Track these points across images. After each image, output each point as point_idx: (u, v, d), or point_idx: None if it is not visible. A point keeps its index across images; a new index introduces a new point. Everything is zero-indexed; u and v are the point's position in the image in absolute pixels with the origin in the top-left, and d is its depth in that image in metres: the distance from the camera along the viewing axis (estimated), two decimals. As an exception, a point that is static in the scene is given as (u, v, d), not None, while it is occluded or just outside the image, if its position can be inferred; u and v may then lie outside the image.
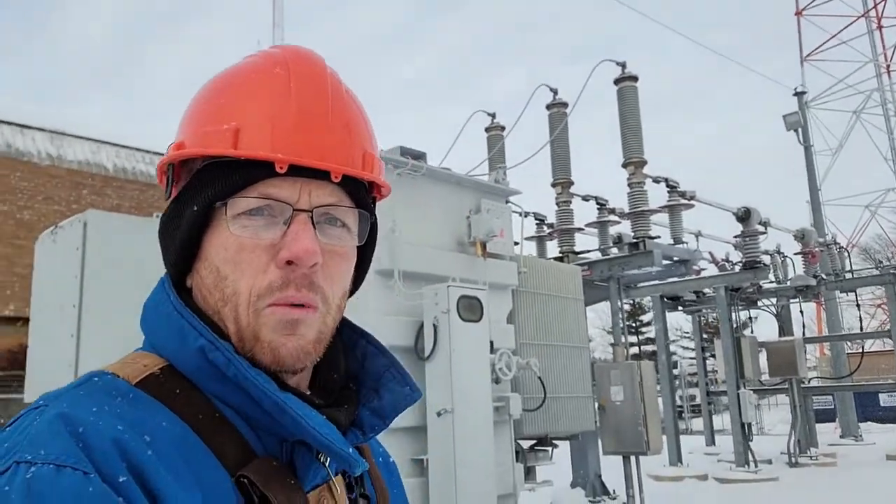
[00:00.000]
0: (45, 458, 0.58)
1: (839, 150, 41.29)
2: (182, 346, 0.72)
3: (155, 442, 0.64)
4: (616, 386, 8.88)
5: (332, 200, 0.75)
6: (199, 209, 0.74)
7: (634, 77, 10.10)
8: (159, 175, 0.81)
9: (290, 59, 0.77)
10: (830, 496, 10.02)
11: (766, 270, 12.83)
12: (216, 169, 0.74)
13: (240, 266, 0.72)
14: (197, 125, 0.76)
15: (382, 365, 0.84)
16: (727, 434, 15.46)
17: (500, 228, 5.48)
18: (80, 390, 0.68)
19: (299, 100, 0.74)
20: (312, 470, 0.74)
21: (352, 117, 0.78)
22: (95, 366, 2.85)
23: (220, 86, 0.78)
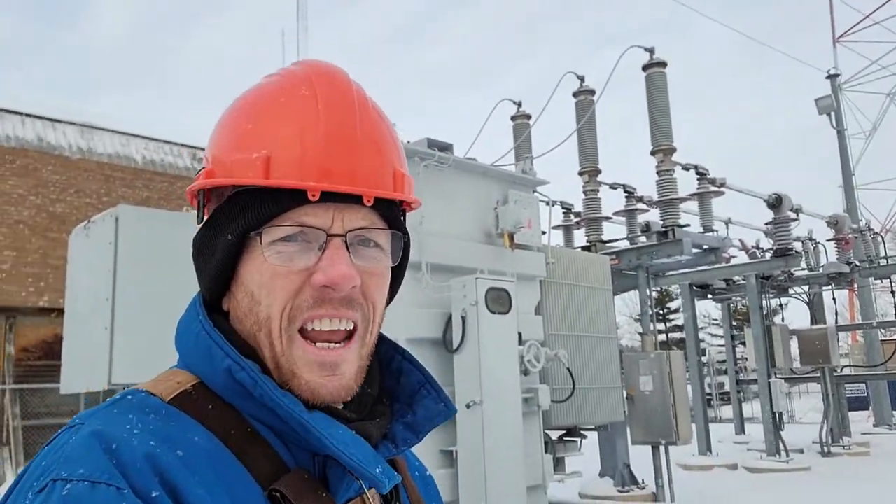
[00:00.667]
0: (81, 476, 0.60)
1: (873, 132, 40.40)
2: (210, 366, 0.73)
3: (187, 457, 0.65)
4: (645, 376, 8.82)
5: (365, 223, 0.76)
6: (234, 238, 0.75)
7: (663, 63, 9.95)
8: (190, 198, 0.82)
9: (315, 78, 0.77)
10: (864, 486, 9.86)
11: (797, 258, 12.60)
12: (248, 196, 0.74)
13: (273, 291, 0.73)
14: (226, 152, 0.76)
15: (418, 381, 0.84)
16: (757, 422, 15.30)
17: (527, 219, 5.45)
18: (114, 408, 0.69)
19: (328, 122, 0.74)
20: (345, 483, 0.74)
21: (380, 135, 0.78)
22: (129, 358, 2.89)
23: (246, 109, 0.78)
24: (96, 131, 14.68)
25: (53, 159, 13.80)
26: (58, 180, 13.75)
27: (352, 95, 0.76)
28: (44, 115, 14.28)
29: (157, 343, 4.07)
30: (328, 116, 0.74)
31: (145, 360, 4.00)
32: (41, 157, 13.67)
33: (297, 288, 0.73)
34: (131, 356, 4.05)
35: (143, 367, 3.94)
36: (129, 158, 14.69)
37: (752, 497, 8.96)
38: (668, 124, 9.94)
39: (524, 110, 10.82)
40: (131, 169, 14.55)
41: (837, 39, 41.71)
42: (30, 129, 13.91)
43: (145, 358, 3.98)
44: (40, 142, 13.84)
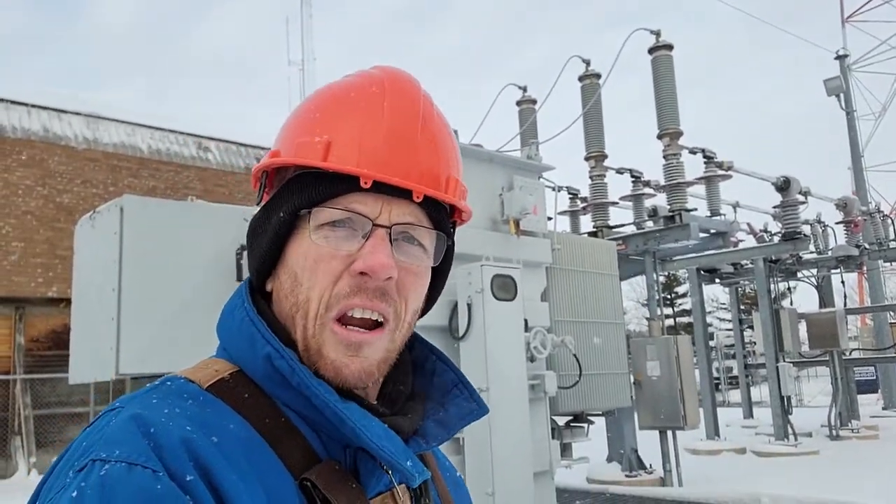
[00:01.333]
0: (118, 457, 0.62)
1: (882, 114, 40.02)
2: (251, 353, 0.75)
3: (222, 443, 0.67)
4: (652, 361, 8.83)
5: (411, 220, 0.77)
6: (286, 216, 0.77)
7: (669, 46, 9.86)
8: (253, 180, 0.85)
9: (387, 79, 0.80)
10: (873, 470, 9.86)
11: (806, 241, 12.53)
12: (305, 179, 0.77)
13: (315, 274, 0.75)
14: (293, 136, 0.80)
15: (451, 381, 0.86)
16: (765, 406, 15.30)
17: (533, 205, 5.42)
18: (153, 393, 0.72)
19: (391, 119, 0.77)
20: (375, 476, 0.75)
21: (440, 141, 0.80)
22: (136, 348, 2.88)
23: (318, 101, 0.82)
24: (102, 121, 14.69)
25: (60, 150, 13.82)
26: (64, 171, 13.77)
27: (418, 100, 0.79)
28: (49, 106, 14.29)
29: (164, 333, 4.09)
30: (392, 114, 0.77)
31: (152, 350, 4.02)
32: (47, 147, 13.69)
33: (337, 274, 0.75)
34: (138, 346, 4.06)
35: (150, 357, 3.97)
36: (135, 148, 14.69)
37: (761, 481, 8.97)
38: (675, 108, 9.86)
39: (529, 95, 10.76)
40: (137, 159, 14.56)
41: (846, 19, 41.25)
42: (35, 120, 13.92)
43: (152, 348, 4.00)
44: (46, 132, 13.86)
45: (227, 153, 16.22)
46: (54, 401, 13.15)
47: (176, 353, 3.99)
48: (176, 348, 4.02)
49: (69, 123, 14.32)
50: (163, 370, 4.16)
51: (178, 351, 4.00)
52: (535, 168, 5.83)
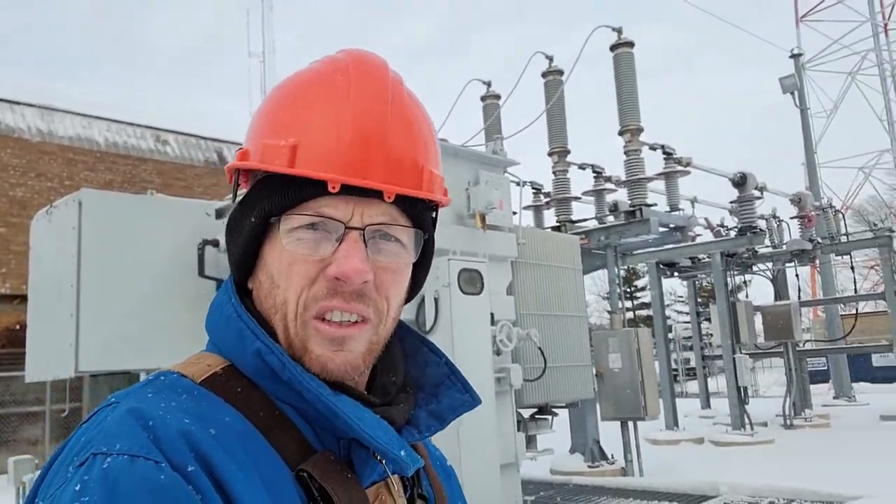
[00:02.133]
0: (120, 450, 0.62)
1: (834, 112, 41.15)
2: (241, 348, 0.75)
3: (219, 435, 0.67)
4: (614, 353, 8.96)
5: (385, 219, 0.76)
6: (257, 221, 0.77)
7: (630, 43, 9.99)
8: (228, 175, 0.84)
9: (353, 66, 0.78)
10: (826, 457, 10.18)
11: (761, 235, 12.85)
12: (274, 181, 0.76)
13: (291, 277, 0.75)
14: (258, 136, 0.79)
15: (443, 373, 0.86)
16: (722, 396, 15.65)
17: (498, 200, 5.46)
18: (147, 388, 0.72)
19: (358, 113, 0.74)
20: (370, 466, 0.76)
21: (413, 128, 0.78)
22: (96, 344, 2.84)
23: (283, 95, 0.79)
24: (56, 113, 14.31)
25: (12, 142, 13.42)
26: (17, 164, 13.38)
27: (386, 87, 0.77)
28: (2, 98, 13.87)
29: (125, 329, 4.02)
30: (359, 107, 0.75)
31: (113, 346, 3.95)
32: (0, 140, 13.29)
33: (313, 276, 0.74)
34: (98, 342, 3.98)
35: (111, 353, 3.90)
36: (91, 141, 14.34)
37: (719, 470, 9.19)
38: (636, 104, 10.00)
39: (494, 90, 10.80)
40: (93, 152, 14.21)
41: (801, 19, 42.26)
42: (-14, 112, 13.50)
43: (113, 344, 3.93)
44: (-3, 124, 13.44)
45: (185, 146, 15.94)
46: (9, 399, 12.79)
47: (138, 349, 3.93)
48: (138, 344, 3.95)
49: (22, 115, 13.90)
50: (124, 366, 4.09)
51: (139, 346, 3.94)
52: (501, 163, 5.87)
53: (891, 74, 40.30)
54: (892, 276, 15.30)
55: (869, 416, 14.85)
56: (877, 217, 40.79)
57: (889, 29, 40.65)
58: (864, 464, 9.28)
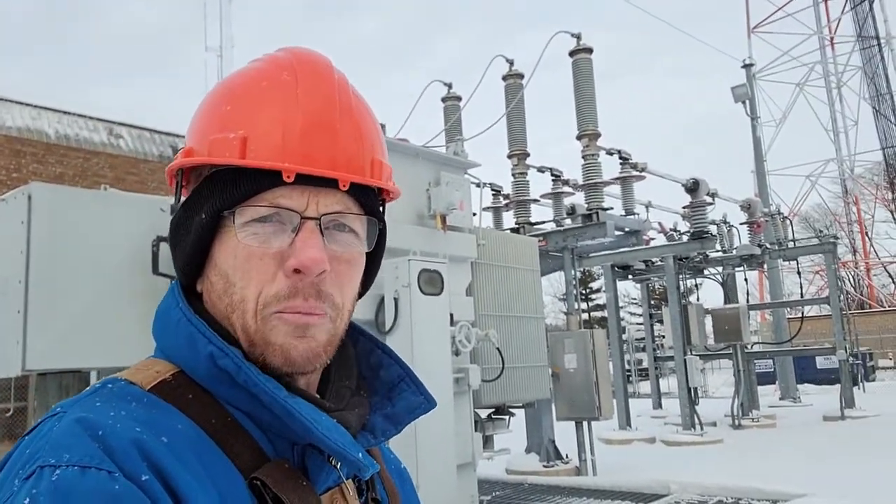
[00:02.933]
0: (69, 461, 0.59)
1: (783, 121, 42.36)
2: (192, 353, 0.73)
3: (172, 444, 0.65)
4: (570, 354, 9.08)
5: (340, 208, 0.76)
6: (208, 217, 0.75)
7: (589, 49, 10.13)
8: (169, 178, 0.81)
9: (297, 64, 0.77)
10: (772, 456, 10.48)
11: (713, 240, 13.17)
12: (224, 176, 0.74)
13: (248, 273, 0.73)
14: (204, 132, 0.76)
15: (397, 375, 0.85)
16: (674, 397, 15.99)
17: (459, 201, 5.49)
18: (95, 397, 0.69)
19: (307, 107, 0.74)
20: (324, 472, 0.75)
21: (360, 123, 0.78)
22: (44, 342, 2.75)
23: (227, 92, 0.78)
24: (4, 103, 13.83)
25: (-45, 132, 12.94)
26: (-40, 155, 12.90)
27: (333, 83, 0.77)
28: (-57, 85, 13.33)
29: (75, 327, 3.92)
30: (308, 101, 0.74)
31: (62, 344, 3.84)
32: (-59, 129, 12.79)
33: (272, 272, 0.73)
34: (47, 340, 3.87)
35: (60, 351, 3.80)
36: (41, 133, 13.90)
37: (670, 469, 9.38)
38: (594, 109, 10.15)
39: (455, 92, 10.84)
40: (43, 144, 13.78)
41: (752, 30, 43.41)
42: (-73, 100, 12.98)
43: (62, 342, 3.82)
44: (-60, 113, 12.94)
45: (139, 140, 15.59)
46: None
47: (88, 347, 3.83)
48: (88, 342, 3.85)
49: (-34, 105, 13.41)
50: (74, 365, 3.99)
51: (90, 344, 3.84)
52: (461, 164, 5.89)
53: (836, 86, 41.70)
54: (835, 281, 15.83)
55: (813, 417, 15.34)
56: (822, 224, 42.17)
57: (835, 42, 42.04)
58: (808, 463, 9.59)
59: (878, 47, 39.51)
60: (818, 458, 9.97)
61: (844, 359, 14.84)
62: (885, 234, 45.25)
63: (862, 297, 43.23)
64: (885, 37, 39.78)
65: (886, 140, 39.79)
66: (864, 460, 9.49)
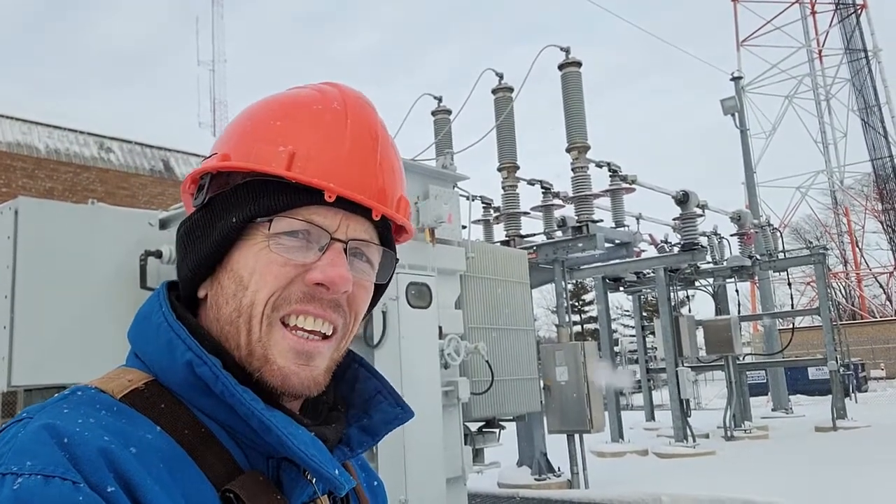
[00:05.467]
0: (32, 469, 0.58)
1: (772, 133, 42.66)
2: (170, 359, 0.72)
3: (141, 454, 0.64)
4: (561, 366, 9.08)
5: (366, 237, 0.79)
6: (238, 222, 0.76)
7: (578, 63, 10.20)
8: (190, 181, 0.82)
9: (348, 98, 0.81)
10: (764, 468, 10.48)
11: (703, 252, 13.23)
12: (261, 186, 0.76)
13: (265, 277, 0.74)
14: (247, 142, 0.78)
15: (374, 388, 0.86)
16: (666, 409, 15.97)
17: (448, 214, 5.49)
18: (63, 403, 0.68)
19: (353, 136, 0.78)
20: (299, 487, 0.74)
21: (394, 163, 0.82)
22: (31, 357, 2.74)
23: (278, 108, 0.80)
24: (-7, 118, 13.81)
25: (-56, 147, 12.90)
26: (-50, 169, 12.86)
27: (376, 122, 0.81)
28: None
29: (62, 342, 3.90)
30: (355, 131, 0.78)
31: (49, 359, 3.82)
32: (-69, 144, 12.75)
33: (288, 279, 0.74)
34: (33, 356, 3.85)
35: (47, 366, 3.78)
36: (31, 147, 13.87)
37: (662, 481, 9.36)
38: (583, 122, 10.21)
39: (444, 105, 10.89)
40: (33, 158, 13.75)
41: (741, 43, 43.80)
42: (-83, 115, 12.94)
43: (49, 357, 3.80)
44: (-71, 128, 12.91)
45: (130, 154, 15.57)
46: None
47: (75, 363, 3.81)
48: (75, 357, 3.84)
49: (-45, 119, 13.38)
50: (60, 381, 3.97)
51: (77, 360, 3.83)
52: (450, 177, 5.91)
53: (825, 98, 42.06)
54: (826, 292, 15.90)
55: (805, 428, 15.36)
56: (812, 235, 42.44)
57: (823, 55, 42.47)
58: (800, 473, 9.59)
59: (865, 59, 39.93)
60: (810, 468, 9.97)
61: (836, 370, 14.88)
62: (876, 244, 45.55)
63: (853, 307, 43.42)
64: (873, 49, 40.22)
65: (875, 151, 40.12)
66: (856, 471, 9.49)
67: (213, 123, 31.35)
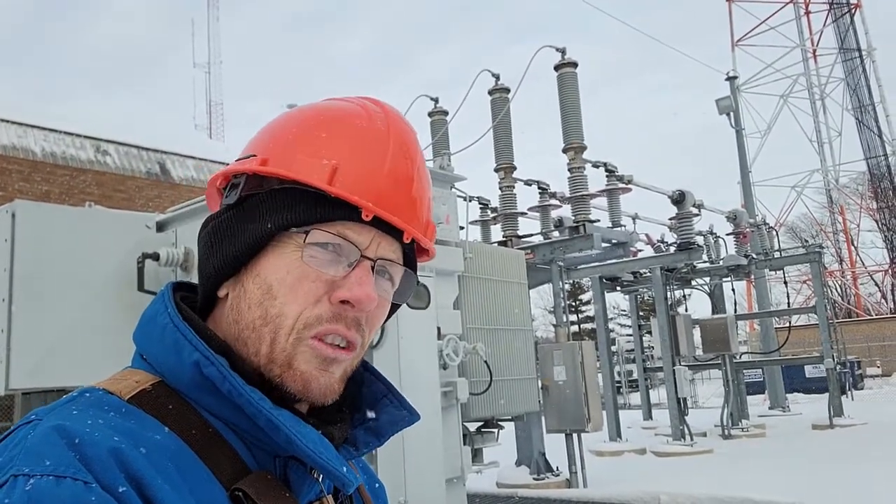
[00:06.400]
0: (44, 470, 0.58)
1: (767, 132, 42.77)
2: (177, 360, 0.73)
3: (150, 454, 0.64)
4: (559, 366, 9.09)
5: (393, 257, 0.80)
6: (274, 228, 0.76)
7: (574, 63, 10.21)
8: (222, 178, 0.83)
9: (391, 118, 0.82)
10: (762, 466, 10.50)
11: (699, 251, 13.25)
12: (299, 195, 0.77)
13: (295, 292, 0.75)
14: (291, 149, 0.78)
15: (380, 391, 0.87)
16: (664, 408, 16.00)
17: (446, 215, 5.50)
18: (72, 405, 0.68)
19: (394, 158, 0.79)
20: (307, 485, 0.75)
21: (427, 187, 0.85)
22: (28, 361, 2.74)
23: (322, 120, 0.81)
24: (-12, 121, 13.77)
25: (-61, 150, 12.86)
26: (-55, 173, 12.82)
27: (416, 145, 0.83)
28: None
29: (59, 346, 3.90)
30: (396, 153, 0.79)
31: (46, 363, 3.82)
32: (-75, 147, 12.71)
33: (318, 297, 0.75)
34: (30, 359, 3.85)
35: (44, 370, 3.77)
36: (27, 150, 13.84)
37: (660, 480, 9.38)
38: (580, 123, 10.22)
39: (441, 106, 10.89)
40: (29, 161, 13.72)
41: (736, 43, 43.90)
42: (-88, 118, 12.90)
43: (46, 361, 3.80)
44: (-76, 131, 12.87)
45: (127, 157, 15.54)
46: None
47: (73, 367, 3.81)
48: (73, 361, 3.83)
49: (-50, 122, 13.35)
50: (58, 385, 3.96)
51: (74, 364, 3.82)
52: (448, 178, 5.91)
53: (820, 97, 42.19)
54: (822, 290, 15.95)
55: (802, 425, 15.39)
56: (808, 234, 42.56)
57: (817, 55, 42.59)
58: (797, 471, 9.61)
59: (859, 59, 40.06)
60: (808, 466, 10.00)
61: (832, 367, 14.92)
62: (871, 243, 45.75)
63: (849, 305, 43.54)
64: (867, 48, 40.36)
65: (870, 150, 40.27)
66: (854, 468, 9.52)
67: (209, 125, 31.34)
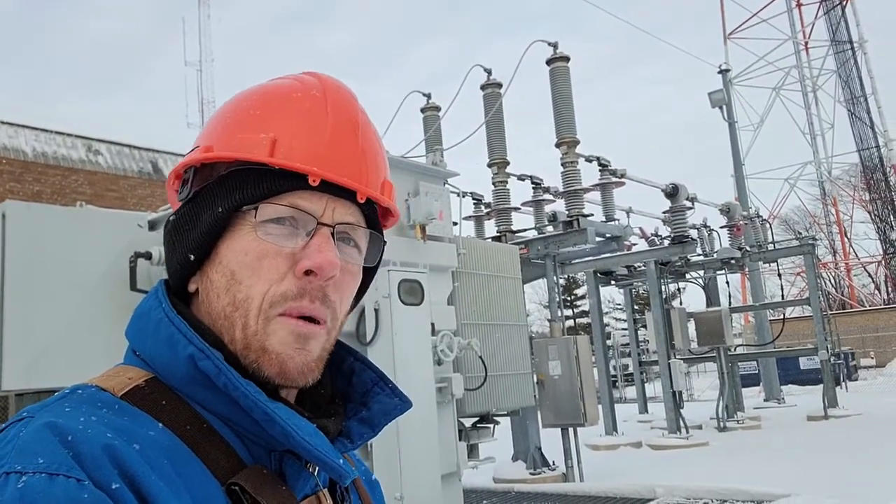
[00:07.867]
0: (36, 468, 0.57)
1: (760, 125, 42.86)
2: (172, 355, 0.72)
3: (144, 451, 0.64)
4: (554, 361, 9.11)
5: (352, 220, 0.79)
6: (224, 211, 0.75)
7: (566, 58, 10.21)
8: (174, 178, 0.82)
9: (327, 86, 0.81)
10: (757, 457, 10.55)
11: (693, 244, 13.28)
12: (245, 175, 0.76)
13: (257, 272, 0.74)
14: (229, 132, 0.78)
15: (370, 379, 0.85)
16: (659, 401, 16.04)
17: (439, 211, 5.50)
18: (64, 402, 0.67)
19: (334, 121, 0.78)
20: (302, 479, 0.75)
21: (376, 147, 0.82)
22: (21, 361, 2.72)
23: (257, 98, 0.80)
24: (-22, 122, 13.70)
25: (-71, 151, 12.79)
26: (-65, 174, 12.75)
27: (357, 108, 0.81)
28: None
29: (53, 345, 3.88)
30: (335, 116, 0.78)
31: (40, 363, 3.80)
32: (-85, 149, 12.64)
33: (282, 273, 0.74)
34: (24, 360, 3.83)
35: (38, 371, 3.76)
36: (18, 150, 13.78)
37: (656, 473, 9.41)
38: (572, 117, 10.22)
39: (434, 102, 10.88)
40: (20, 162, 13.65)
41: (728, 36, 43.95)
42: None
43: (39, 361, 3.78)
44: (-87, 132, 12.79)
45: (118, 156, 15.49)
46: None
47: (66, 367, 3.79)
48: (67, 361, 3.82)
49: (-59, 123, 13.27)
50: (52, 384, 3.95)
51: (68, 364, 3.81)
52: (441, 174, 5.91)
53: (812, 90, 42.30)
54: (815, 282, 16.01)
55: (797, 417, 15.46)
56: (802, 226, 42.68)
57: (809, 47, 42.68)
58: (792, 463, 9.65)
59: (851, 51, 40.15)
60: (803, 458, 10.04)
61: (826, 359, 14.98)
62: (864, 234, 45.89)
63: (843, 297, 43.73)
64: (858, 40, 40.45)
65: (862, 142, 40.40)
66: (848, 459, 9.57)
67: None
